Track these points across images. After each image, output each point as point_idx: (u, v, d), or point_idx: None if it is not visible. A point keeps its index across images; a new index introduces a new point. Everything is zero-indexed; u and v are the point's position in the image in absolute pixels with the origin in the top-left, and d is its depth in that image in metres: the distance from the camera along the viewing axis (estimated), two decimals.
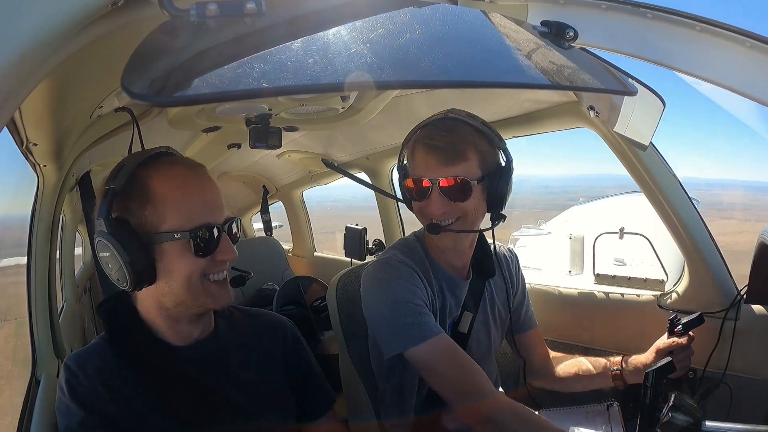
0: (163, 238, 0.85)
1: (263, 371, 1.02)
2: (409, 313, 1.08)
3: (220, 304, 0.93)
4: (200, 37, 0.54)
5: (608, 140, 1.42)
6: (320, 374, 1.12)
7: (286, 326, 1.11)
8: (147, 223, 0.85)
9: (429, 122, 1.16)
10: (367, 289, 1.18)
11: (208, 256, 0.87)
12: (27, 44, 0.47)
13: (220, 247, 0.88)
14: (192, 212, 0.86)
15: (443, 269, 1.21)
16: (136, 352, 0.91)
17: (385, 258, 1.18)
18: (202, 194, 0.89)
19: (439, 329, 1.10)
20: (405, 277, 1.12)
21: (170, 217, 0.85)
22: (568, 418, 1.30)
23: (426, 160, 1.11)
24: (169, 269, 0.86)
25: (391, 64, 0.60)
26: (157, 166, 0.88)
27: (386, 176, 2.52)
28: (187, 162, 0.92)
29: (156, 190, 0.85)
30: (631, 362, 1.25)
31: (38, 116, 1.06)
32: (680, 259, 1.54)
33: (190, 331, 0.95)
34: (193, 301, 0.89)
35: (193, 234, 0.85)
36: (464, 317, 1.22)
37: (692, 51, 0.76)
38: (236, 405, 0.95)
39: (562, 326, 1.72)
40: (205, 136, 1.89)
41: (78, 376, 0.87)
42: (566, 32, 0.79)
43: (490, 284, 1.28)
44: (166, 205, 0.85)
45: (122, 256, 0.83)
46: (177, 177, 0.88)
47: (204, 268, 0.88)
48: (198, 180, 0.90)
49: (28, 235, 1.39)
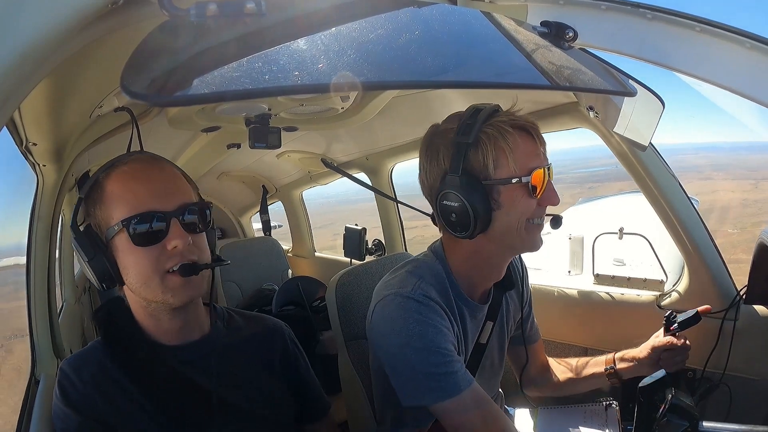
0: (111, 232, 0.84)
1: (260, 374, 1.01)
2: (441, 363, 0.94)
3: (181, 300, 0.86)
4: (200, 37, 0.54)
5: (607, 140, 1.42)
6: (315, 380, 1.11)
7: (284, 330, 1.09)
8: (101, 222, 0.86)
9: (483, 108, 0.98)
10: (387, 326, 0.99)
11: (150, 245, 0.83)
12: (27, 44, 0.47)
13: (170, 233, 0.84)
14: (135, 202, 0.84)
15: (464, 294, 1.07)
16: (130, 355, 0.90)
17: (409, 292, 0.98)
18: (147, 183, 0.86)
19: (470, 378, 0.97)
20: (436, 320, 0.97)
21: (116, 211, 0.84)
22: (566, 417, 1.30)
23: (530, 144, 0.97)
24: (125, 264, 0.86)
25: (390, 65, 0.60)
26: (115, 168, 0.87)
27: (386, 176, 2.52)
28: (143, 157, 0.91)
29: (106, 188, 0.86)
30: (624, 358, 1.23)
31: (38, 116, 1.06)
32: (680, 259, 1.54)
33: (176, 328, 0.92)
34: (155, 297, 0.86)
35: (126, 222, 0.82)
36: (485, 327, 1.14)
37: (692, 51, 0.76)
38: (232, 407, 0.94)
39: (562, 326, 1.72)
40: (204, 136, 1.89)
41: (73, 381, 0.87)
42: (566, 33, 0.79)
43: (507, 295, 1.21)
44: (113, 200, 0.85)
45: (82, 256, 0.85)
46: (126, 173, 0.86)
47: (156, 261, 0.84)
48: (146, 171, 0.88)
49: (27, 235, 1.39)
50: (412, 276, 1.02)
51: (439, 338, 0.96)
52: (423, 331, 0.95)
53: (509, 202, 0.96)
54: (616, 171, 1.47)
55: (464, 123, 0.96)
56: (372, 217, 2.71)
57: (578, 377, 1.31)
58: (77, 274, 2.38)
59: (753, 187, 17.06)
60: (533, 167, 0.95)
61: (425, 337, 0.95)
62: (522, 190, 0.95)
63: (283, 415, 1.02)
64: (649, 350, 1.19)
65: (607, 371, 1.25)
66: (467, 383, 0.96)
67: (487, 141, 0.94)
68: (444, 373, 0.94)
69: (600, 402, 1.30)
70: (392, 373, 1.00)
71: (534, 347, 1.34)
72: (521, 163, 0.95)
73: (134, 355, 0.90)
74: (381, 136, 2.18)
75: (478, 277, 1.09)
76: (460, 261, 1.06)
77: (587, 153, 21.97)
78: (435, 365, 0.94)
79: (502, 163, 0.94)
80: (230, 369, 0.97)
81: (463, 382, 0.96)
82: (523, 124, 0.96)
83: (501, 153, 0.94)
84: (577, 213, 3.50)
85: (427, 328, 0.96)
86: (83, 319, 2.43)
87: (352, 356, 1.28)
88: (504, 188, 0.95)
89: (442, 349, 0.95)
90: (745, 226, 10.32)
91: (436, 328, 0.96)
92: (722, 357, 1.37)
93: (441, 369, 0.94)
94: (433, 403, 0.95)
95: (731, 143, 43.50)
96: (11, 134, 1.13)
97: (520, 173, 0.94)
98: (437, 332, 0.96)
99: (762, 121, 0.90)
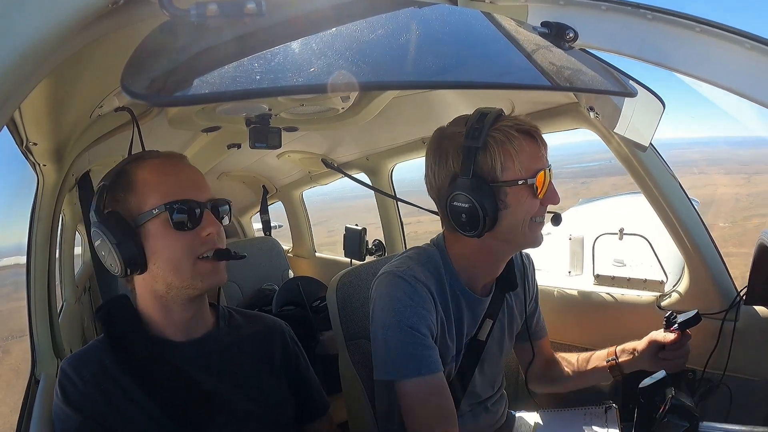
0: (144, 217, 0.87)
1: (260, 373, 1.02)
2: (410, 342, 1.00)
3: (209, 284, 0.92)
4: (200, 37, 0.54)
5: (608, 141, 1.42)
6: (315, 379, 1.13)
7: (284, 329, 1.11)
8: (131, 208, 0.89)
9: (489, 112, 1.02)
10: (378, 302, 1.07)
11: (189, 231, 0.88)
12: (27, 44, 0.47)
13: (204, 222, 0.89)
14: (170, 190, 0.89)
15: (463, 285, 1.11)
16: (133, 352, 0.91)
17: (401, 272, 1.05)
18: (180, 174, 0.92)
19: (436, 367, 1.02)
20: (418, 301, 1.03)
21: (150, 198, 0.88)
22: (565, 419, 1.30)
23: (534, 148, 1.02)
24: (155, 249, 0.88)
25: (391, 65, 0.60)
26: (141, 160, 0.93)
27: (386, 176, 2.52)
28: (172, 153, 0.97)
29: (137, 177, 0.90)
30: (625, 350, 1.24)
31: (38, 116, 1.06)
32: (680, 260, 1.54)
33: (184, 320, 0.94)
34: (182, 282, 0.89)
35: (168, 206, 0.87)
36: (485, 324, 1.16)
37: (692, 52, 0.76)
38: (232, 407, 0.94)
39: (562, 327, 1.72)
40: (205, 135, 1.89)
41: (73, 380, 0.87)
42: (566, 33, 0.79)
43: (510, 294, 1.23)
44: (147, 187, 0.89)
45: (110, 239, 0.86)
46: (156, 164, 0.92)
47: (189, 246, 0.89)
48: (176, 165, 0.94)
49: (27, 235, 1.39)
50: (410, 259, 1.10)
51: (414, 319, 1.01)
52: (402, 309, 1.01)
53: (515, 202, 1.01)
54: (609, 166, 1.47)
55: (472, 127, 1.00)
56: (367, 214, 2.71)
57: (581, 371, 1.31)
58: (77, 274, 2.38)
59: (746, 181, 17.17)
60: (537, 169, 1.01)
61: (403, 315, 1.01)
62: (527, 191, 1.01)
63: (283, 415, 1.03)
64: (646, 343, 1.20)
65: (608, 363, 1.25)
66: (429, 370, 1.01)
67: (495, 145, 0.98)
68: (411, 353, 1.00)
69: (600, 405, 1.30)
70: (372, 347, 1.07)
71: (540, 343, 1.35)
72: (526, 165, 1.00)
73: (137, 352, 0.91)
74: (381, 136, 2.18)
75: (479, 271, 1.13)
76: (462, 254, 1.11)
77: (581, 148, 22.04)
78: (405, 344, 1.00)
79: (508, 166, 0.99)
80: (231, 368, 0.97)
81: (425, 368, 1.00)
82: (527, 129, 1.01)
83: (508, 156, 0.99)
84: (577, 213, 3.50)
85: (407, 307, 1.02)
86: (83, 319, 2.43)
87: (352, 356, 1.28)
88: (510, 189, 1.00)
89: (416, 331, 1.01)
90: (736, 220, 10.48)
91: (415, 309, 1.02)
92: (722, 358, 1.37)
93: (409, 349, 1.00)
94: (397, 380, 1.01)
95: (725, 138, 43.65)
96: (11, 134, 1.13)
97: (525, 175, 1.00)
98: (415, 313, 1.01)
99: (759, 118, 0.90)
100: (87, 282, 2.94)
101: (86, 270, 3.09)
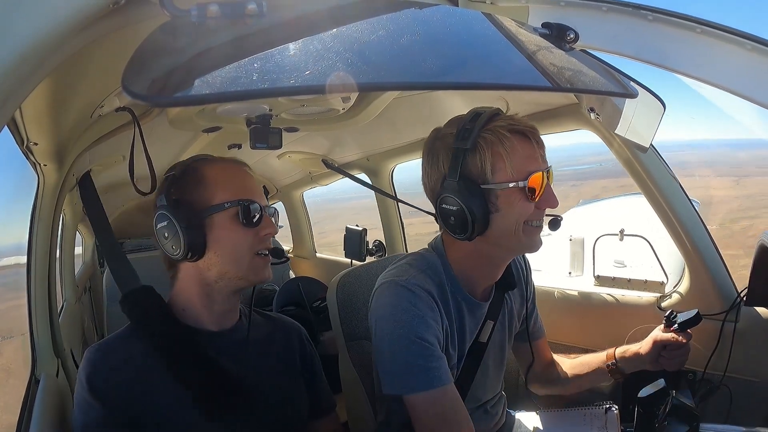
0: (213, 209, 0.95)
1: (282, 369, 1.07)
2: (420, 354, 0.96)
3: (260, 278, 0.99)
4: (201, 38, 0.54)
5: (608, 142, 1.42)
6: (325, 380, 1.18)
7: (300, 330, 1.17)
8: (200, 200, 0.96)
9: (483, 112, 0.99)
10: (381, 312, 1.02)
11: (253, 227, 0.96)
12: (27, 44, 0.47)
13: (263, 222, 0.98)
14: (238, 190, 0.98)
15: (464, 290, 1.08)
16: (166, 341, 0.94)
17: (404, 281, 1.01)
18: (248, 178, 1.02)
19: (446, 378, 0.98)
20: (424, 310, 0.98)
21: (220, 194, 0.96)
22: (565, 420, 1.30)
23: (528, 149, 0.97)
24: (218, 238, 0.95)
25: (391, 66, 0.60)
26: (213, 161, 1.03)
27: (386, 177, 2.52)
28: (234, 159, 1.06)
29: (207, 173, 0.98)
30: (626, 353, 1.22)
31: (39, 116, 1.06)
32: (680, 260, 1.54)
33: (223, 312, 1.01)
34: (237, 272, 0.96)
35: (240, 203, 0.95)
36: (486, 326, 1.14)
37: (693, 53, 0.76)
38: (257, 398, 0.98)
39: (562, 328, 1.72)
40: (205, 136, 1.88)
41: (99, 369, 0.88)
42: (567, 34, 0.79)
43: (509, 295, 1.22)
44: (216, 184, 0.97)
45: (179, 223, 0.92)
46: (226, 167, 1.02)
47: (251, 241, 0.96)
48: (242, 169, 1.04)
49: (27, 235, 1.39)
50: (410, 267, 1.06)
51: (422, 329, 0.97)
52: (409, 320, 0.97)
53: (506, 206, 0.97)
54: (600, 169, 1.47)
55: (463, 128, 0.97)
56: (360, 215, 2.71)
57: (581, 373, 1.31)
58: (78, 274, 2.38)
59: (735, 183, 17.21)
60: (531, 171, 0.96)
61: (409, 325, 0.97)
62: (519, 194, 0.97)
63: (298, 411, 1.08)
64: (650, 344, 1.18)
65: (609, 367, 1.24)
66: (441, 382, 0.97)
67: (485, 146, 0.95)
68: (421, 365, 0.96)
69: (600, 405, 1.29)
70: (377, 360, 1.04)
71: (538, 344, 1.34)
72: (518, 167, 0.96)
73: (171, 341, 0.94)
74: (382, 137, 2.18)
75: (478, 275, 1.10)
76: (460, 258, 1.08)
77: (576, 150, 22.01)
78: (414, 356, 0.96)
79: (499, 168, 0.96)
80: (256, 362, 1.03)
81: (436, 379, 0.96)
82: (521, 129, 0.97)
83: (498, 158, 0.96)
84: (577, 214, 3.50)
85: (413, 317, 0.97)
86: (83, 318, 2.43)
87: (352, 357, 1.28)
88: (502, 192, 0.96)
89: (424, 341, 0.97)
90: (723, 222, 10.52)
91: (422, 319, 0.98)
92: (723, 359, 1.37)
93: (419, 361, 0.96)
94: (406, 394, 0.97)
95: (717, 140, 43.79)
96: (12, 134, 1.13)
97: (517, 177, 0.96)
98: (422, 323, 0.98)
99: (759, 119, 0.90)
100: (87, 282, 2.94)
101: (87, 270, 3.09)
